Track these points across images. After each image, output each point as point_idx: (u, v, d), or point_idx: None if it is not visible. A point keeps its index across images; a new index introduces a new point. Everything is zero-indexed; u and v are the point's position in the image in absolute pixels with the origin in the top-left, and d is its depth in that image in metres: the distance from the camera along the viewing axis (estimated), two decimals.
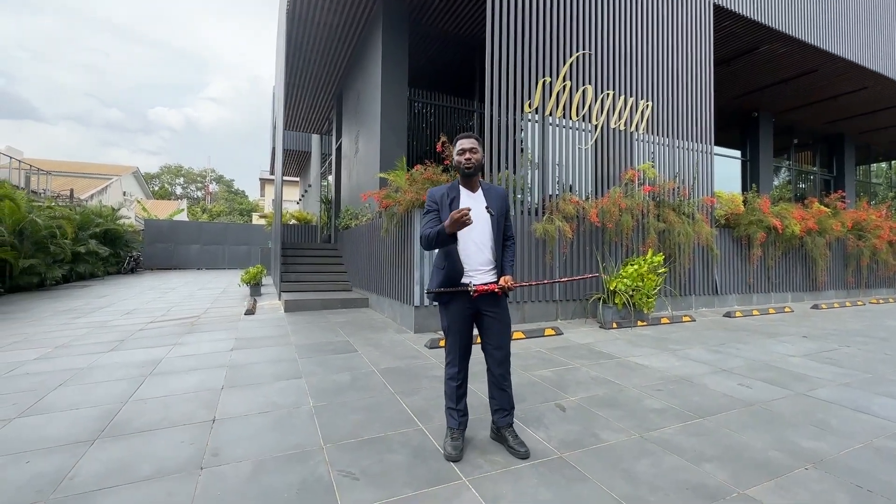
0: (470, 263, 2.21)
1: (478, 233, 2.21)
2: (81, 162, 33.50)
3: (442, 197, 2.23)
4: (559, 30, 5.91)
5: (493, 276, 2.25)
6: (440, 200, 2.23)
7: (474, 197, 2.26)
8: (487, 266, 2.24)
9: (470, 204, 2.21)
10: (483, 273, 2.23)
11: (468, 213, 1.92)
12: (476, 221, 2.18)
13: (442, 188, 2.29)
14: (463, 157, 2.21)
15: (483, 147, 2.42)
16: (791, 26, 8.31)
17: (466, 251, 2.21)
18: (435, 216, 2.22)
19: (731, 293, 7.47)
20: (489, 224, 2.23)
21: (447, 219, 2.02)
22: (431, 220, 2.21)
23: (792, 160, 14.07)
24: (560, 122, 5.92)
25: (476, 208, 2.21)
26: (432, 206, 2.25)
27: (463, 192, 2.25)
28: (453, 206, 2.19)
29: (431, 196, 2.28)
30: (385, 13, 7.44)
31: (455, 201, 2.22)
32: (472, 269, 2.21)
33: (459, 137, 2.27)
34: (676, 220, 6.20)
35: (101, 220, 14.16)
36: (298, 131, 15.62)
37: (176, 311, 6.87)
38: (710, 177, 7.19)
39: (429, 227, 2.19)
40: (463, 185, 2.27)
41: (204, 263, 19.64)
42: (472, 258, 2.21)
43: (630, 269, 5.54)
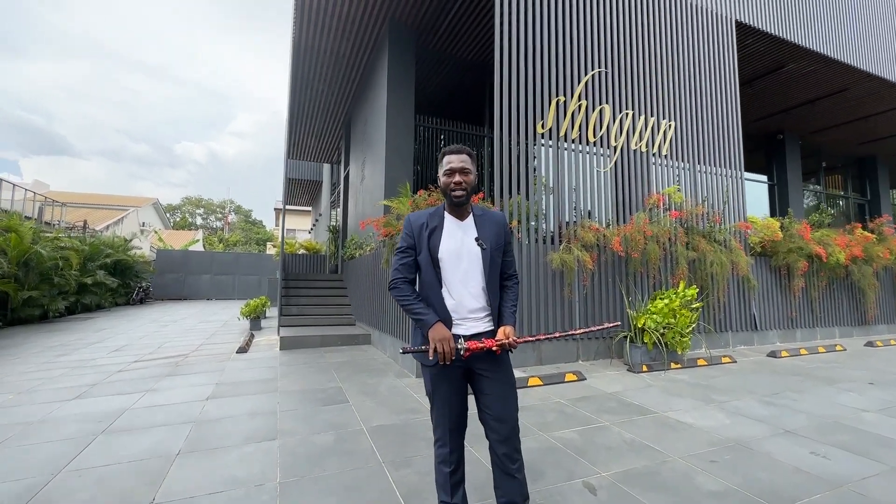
0: (458, 310, 1.72)
1: (466, 271, 1.73)
2: (104, 194, 34.45)
3: (420, 226, 1.77)
4: (573, 47, 5.56)
5: (488, 325, 1.75)
6: (417, 230, 1.76)
7: (462, 226, 1.78)
8: (480, 313, 1.74)
9: (456, 235, 1.76)
10: (475, 321, 1.73)
11: (450, 351, 1.58)
12: (464, 257, 1.73)
13: (422, 214, 1.81)
14: (451, 180, 1.74)
15: (477, 165, 1.94)
16: (819, 43, 7.87)
17: (453, 294, 1.72)
18: (409, 255, 1.77)
19: (772, 329, 6.72)
20: (480, 260, 1.75)
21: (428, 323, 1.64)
22: (405, 260, 1.77)
23: (822, 184, 13.33)
24: (576, 143, 5.48)
25: (465, 240, 1.75)
26: (408, 239, 1.78)
27: (448, 220, 1.78)
28: (434, 240, 1.73)
29: (408, 225, 1.80)
30: (391, 39, 7.26)
31: (436, 233, 1.74)
32: (462, 318, 1.72)
33: (447, 152, 1.80)
34: (709, 249, 5.60)
35: (112, 250, 14.11)
36: (309, 161, 15.58)
37: (167, 347, 6.44)
38: (741, 200, 6.61)
39: (403, 272, 1.76)
40: (449, 212, 1.80)
41: (214, 294, 19.44)
42: (461, 303, 1.72)
43: (660, 303, 4.93)
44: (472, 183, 1.76)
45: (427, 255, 1.72)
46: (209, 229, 58.28)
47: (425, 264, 1.73)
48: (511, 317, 1.81)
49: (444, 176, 1.77)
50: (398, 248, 1.83)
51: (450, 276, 1.72)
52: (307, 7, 6.99)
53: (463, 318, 1.72)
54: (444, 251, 1.71)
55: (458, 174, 1.73)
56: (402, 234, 1.85)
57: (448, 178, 1.75)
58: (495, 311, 1.79)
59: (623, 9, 5.97)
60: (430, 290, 1.74)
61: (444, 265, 1.71)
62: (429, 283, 1.75)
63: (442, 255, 1.71)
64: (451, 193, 1.74)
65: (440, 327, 1.62)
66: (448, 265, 1.71)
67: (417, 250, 1.75)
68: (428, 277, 1.75)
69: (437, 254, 1.71)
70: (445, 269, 1.71)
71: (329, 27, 7.52)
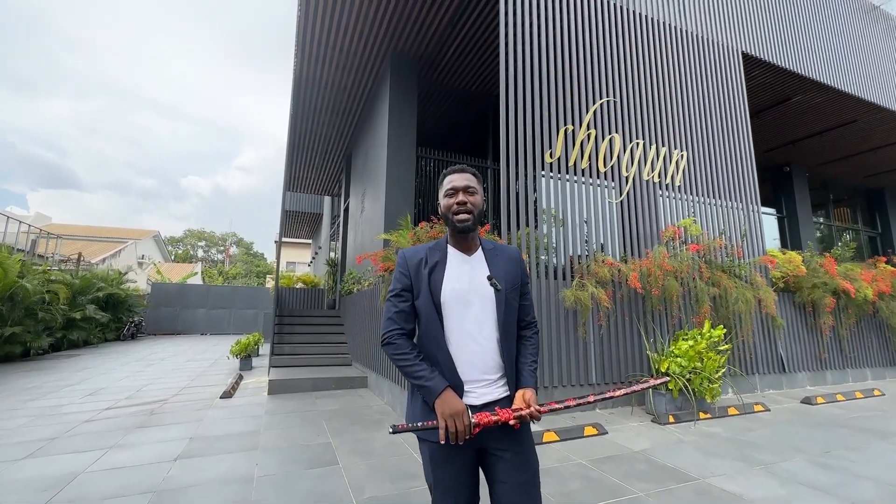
0: (466, 371, 1.34)
1: (477, 319, 1.37)
2: (105, 227, 34.46)
3: (419, 263, 1.43)
4: (580, 76, 5.38)
5: (502, 391, 1.37)
6: (415, 268, 1.43)
7: (471, 262, 1.44)
8: (494, 374, 1.37)
9: (463, 273, 1.42)
10: (487, 386, 1.36)
11: (464, 430, 1.21)
12: (474, 300, 1.38)
13: (420, 249, 1.48)
14: (454, 202, 1.42)
15: (483, 187, 1.58)
16: (826, 75, 7.77)
17: (460, 350, 1.35)
18: (405, 299, 1.42)
19: (801, 370, 6.21)
20: (493, 304, 1.39)
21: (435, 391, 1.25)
22: (400, 307, 1.41)
23: (832, 217, 13.06)
24: (585, 173, 5.20)
25: (474, 280, 1.41)
26: (403, 279, 1.44)
27: (453, 254, 1.45)
28: (435, 279, 1.40)
29: (403, 261, 1.47)
30: (393, 71, 7.17)
31: (438, 270, 1.41)
32: (471, 381, 1.34)
33: (447, 172, 1.50)
34: (731, 284, 5.21)
35: (104, 284, 13.73)
36: (310, 193, 15.45)
37: (147, 391, 5.95)
38: (759, 233, 6.27)
39: (398, 322, 1.40)
40: (453, 244, 1.47)
41: (209, 328, 18.88)
42: (470, 362, 1.35)
43: (683, 345, 4.49)
44: (479, 206, 1.44)
45: (428, 298, 1.37)
46: (210, 262, 58.17)
47: (426, 310, 1.38)
48: (531, 376, 1.43)
49: (446, 197, 1.45)
50: (391, 292, 1.46)
51: (455, 326, 1.36)
52: (309, 39, 6.94)
53: (473, 381, 1.34)
54: (448, 293, 1.37)
55: (462, 193, 1.41)
56: (396, 273, 1.48)
57: (450, 200, 1.43)
58: (511, 370, 1.41)
59: (630, 39, 5.85)
60: (434, 345, 1.36)
61: (447, 311, 1.36)
62: (432, 336, 1.37)
63: (445, 298, 1.36)
64: (455, 218, 1.40)
65: (451, 397, 1.24)
66: (453, 311, 1.36)
67: (415, 293, 1.41)
68: (430, 328, 1.37)
69: (440, 296, 1.36)
70: (450, 316, 1.36)
71: (331, 59, 7.46)
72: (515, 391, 1.39)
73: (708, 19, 6.66)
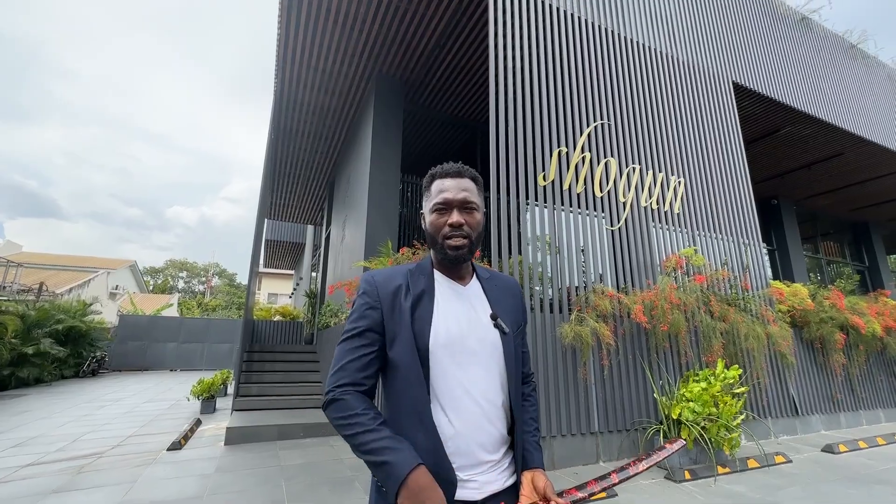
0: (463, 450, 0.95)
1: (478, 375, 0.99)
2: (79, 256, 33.17)
3: (395, 292, 1.03)
4: (573, 99, 5.12)
5: (508, 477, 1.00)
6: (389, 299, 1.02)
7: (466, 295, 1.07)
8: (498, 452, 1.00)
9: (460, 310, 1.04)
10: (490, 470, 0.97)
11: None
12: (475, 348, 1.00)
13: (395, 273, 1.08)
14: (446, 221, 1.04)
15: (484, 196, 1.17)
16: (815, 107, 7.75)
17: (455, 419, 0.96)
18: (370, 344, 0.99)
19: (814, 413, 5.74)
20: (501, 354, 1.03)
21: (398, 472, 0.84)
22: (361, 354, 0.99)
23: (821, 251, 13.01)
24: (581, 198, 4.84)
25: (473, 319, 1.03)
26: (369, 314, 1.02)
27: (442, 283, 1.07)
28: (420, 316, 1.00)
29: (372, 287, 1.05)
30: (377, 93, 6.89)
31: (424, 305, 1.02)
32: (469, 466, 0.95)
33: (439, 174, 1.09)
34: (740, 319, 4.80)
35: (64, 315, 12.77)
36: (292, 222, 14.95)
37: (85, 441, 5.17)
38: (762, 264, 5.95)
39: (350, 375, 0.97)
40: (442, 270, 1.09)
41: (179, 363, 17.72)
42: (469, 437, 0.95)
43: (695, 387, 4.01)
44: (478, 227, 1.05)
45: (410, 344, 0.98)
46: (191, 293, 56.52)
47: (404, 363, 0.98)
48: (538, 451, 1.06)
49: (434, 213, 1.05)
50: (347, 332, 1.02)
51: (447, 385, 0.97)
52: (290, 59, 6.65)
53: (471, 465, 0.95)
54: (440, 337, 0.98)
55: (458, 211, 1.03)
56: (357, 304, 1.04)
57: (440, 218, 1.04)
58: (519, 446, 1.02)
59: (623, 63, 5.68)
60: (411, 415, 0.95)
61: (437, 364, 0.97)
62: (409, 402, 0.96)
63: (436, 345, 0.98)
64: (446, 243, 1.02)
65: (424, 480, 0.83)
66: (446, 364, 0.98)
67: (388, 336, 1.00)
68: (408, 390, 0.96)
69: (428, 342, 0.97)
70: (440, 371, 0.97)
71: (312, 81, 7.17)
72: (520, 473, 1.01)
73: (699, 47, 6.59)
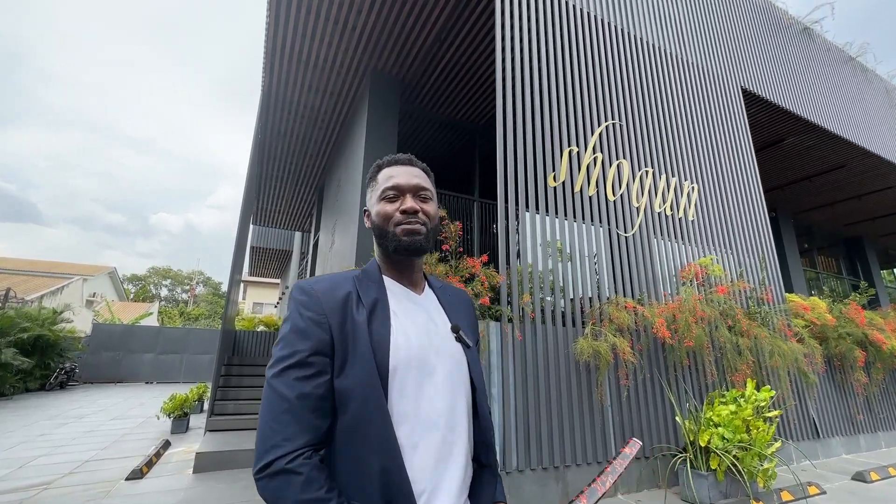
0: (425, 484, 0.75)
1: (441, 395, 0.81)
2: (55, 262, 31.95)
3: (344, 302, 0.82)
4: (583, 97, 4.79)
5: None
6: (338, 311, 0.81)
7: (422, 304, 0.91)
8: (465, 485, 0.83)
9: (418, 319, 0.86)
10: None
11: None
12: (436, 367, 0.82)
13: (340, 280, 0.86)
14: (396, 209, 0.88)
15: (437, 192, 0.98)
16: (821, 117, 7.59)
17: (419, 447, 0.77)
18: (316, 369, 0.76)
19: (834, 436, 5.39)
20: (465, 368, 0.88)
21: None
22: (305, 384, 0.75)
23: (817, 264, 12.90)
24: (593, 201, 4.47)
25: (432, 332, 0.86)
26: (314, 332, 0.78)
27: (395, 290, 0.89)
28: (378, 331, 0.80)
29: (309, 295, 0.82)
30: (372, 91, 6.51)
31: (379, 316, 0.82)
32: None
33: (384, 164, 0.95)
34: (763, 334, 4.44)
35: (30, 324, 11.97)
36: (279, 228, 14.39)
37: (35, 466, 4.56)
38: (777, 275, 5.64)
39: (295, 429, 0.72)
40: (393, 276, 0.91)
41: (156, 376, 16.84)
42: (433, 468, 0.77)
43: (723, 410, 3.61)
44: (434, 219, 0.91)
45: (369, 366, 0.76)
46: (174, 302, 55.15)
47: (360, 391, 0.76)
48: (500, 481, 0.94)
49: (383, 202, 0.89)
50: (282, 361, 0.76)
51: (410, 409, 0.78)
52: (279, 50, 6.24)
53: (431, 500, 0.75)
54: (402, 352, 0.79)
55: (412, 197, 0.88)
56: (294, 320, 0.80)
57: (388, 206, 0.88)
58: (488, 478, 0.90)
59: (634, 63, 5.39)
60: (375, 448, 0.74)
61: (398, 386, 0.78)
62: (372, 437, 0.74)
63: (398, 364, 0.78)
64: (397, 230, 0.86)
65: None
66: (408, 385, 0.79)
67: (338, 359, 0.78)
68: (366, 424, 0.75)
69: (388, 361, 0.77)
70: (401, 393, 0.78)
71: (304, 76, 6.76)
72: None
73: (709, 51, 6.36)
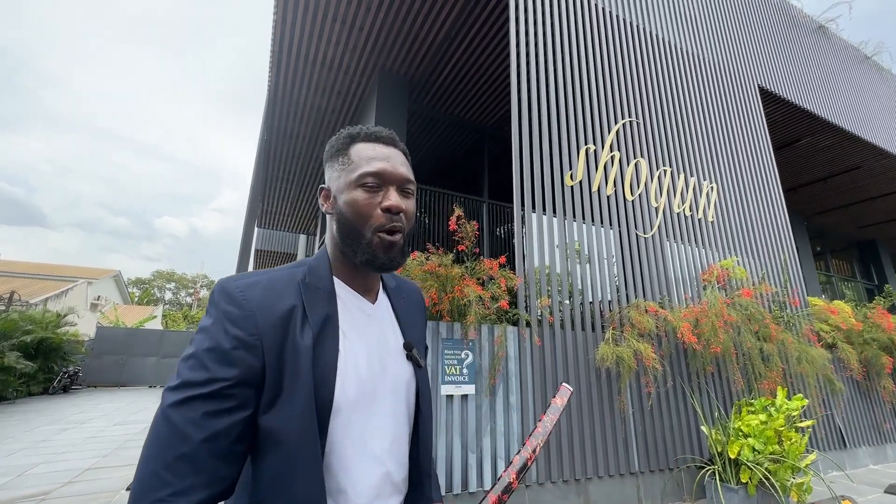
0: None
1: (389, 425, 0.71)
2: (60, 265, 32.05)
3: (286, 319, 0.64)
4: (598, 95, 4.65)
5: None
6: (277, 332, 0.63)
7: (375, 317, 0.77)
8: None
9: (370, 341, 0.72)
10: None
11: None
12: (384, 396, 0.71)
13: (279, 284, 0.68)
14: (380, 204, 0.72)
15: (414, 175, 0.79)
16: (838, 116, 7.41)
17: (354, 482, 0.65)
18: (235, 401, 0.59)
19: (861, 445, 5.18)
20: (413, 392, 0.76)
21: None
22: (218, 420, 0.58)
23: (831, 268, 12.67)
24: (611, 201, 4.32)
25: (385, 354, 0.73)
26: (238, 355, 0.60)
27: (347, 300, 0.73)
28: (322, 356, 0.64)
29: (238, 305, 0.63)
30: (380, 91, 6.39)
31: (326, 337, 0.66)
32: None
33: (365, 136, 0.76)
34: (790, 339, 4.26)
35: (34, 326, 11.88)
36: (283, 230, 14.30)
37: (31, 475, 4.42)
38: (800, 277, 5.45)
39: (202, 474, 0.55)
40: (343, 278, 0.75)
41: (159, 379, 16.75)
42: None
43: (752, 420, 3.43)
44: (412, 220, 0.75)
45: (308, 403, 0.62)
46: (178, 305, 55.29)
47: (293, 433, 0.62)
48: None
49: (359, 189, 0.72)
50: (192, 385, 0.59)
51: (349, 444, 0.66)
52: (286, 48, 6.13)
53: None
54: (350, 387, 0.67)
55: (396, 191, 0.73)
56: (212, 336, 0.62)
57: (367, 198, 0.71)
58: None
59: (649, 61, 5.25)
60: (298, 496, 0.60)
61: (341, 420, 0.65)
62: (296, 492, 0.60)
63: (343, 400, 0.65)
64: (381, 239, 0.71)
65: None
66: (353, 419, 0.67)
67: (268, 392, 0.63)
68: (293, 471, 0.60)
69: (334, 396, 0.65)
70: (343, 428, 0.66)
71: (310, 74, 6.65)
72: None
73: (725, 49, 6.21)
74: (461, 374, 3.02)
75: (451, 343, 3.06)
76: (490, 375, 3.13)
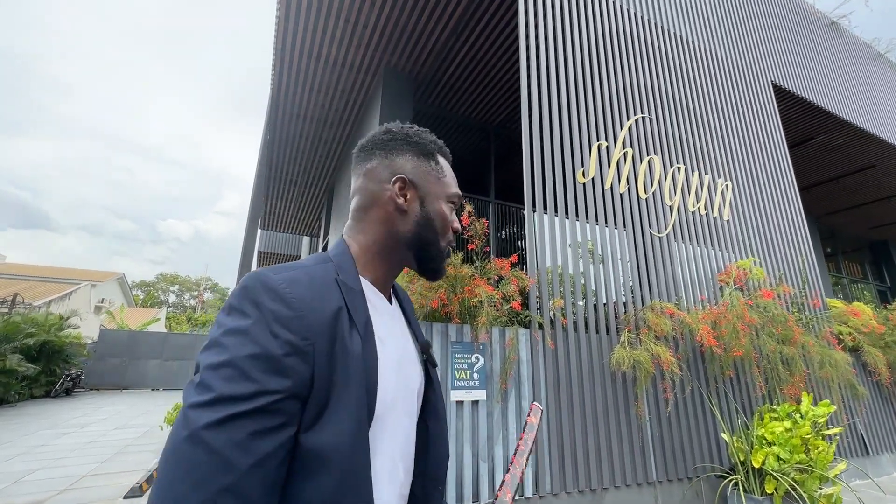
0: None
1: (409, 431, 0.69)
2: (64, 267, 32.14)
3: (335, 320, 0.56)
4: (610, 89, 4.51)
5: None
6: (328, 335, 0.55)
7: (396, 317, 0.74)
8: None
9: (399, 340, 0.70)
10: None
11: None
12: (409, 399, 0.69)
13: (319, 282, 0.59)
14: (455, 223, 0.80)
15: None
16: (852, 113, 7.24)
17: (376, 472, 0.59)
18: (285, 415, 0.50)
19: (883, 452, 5.00)
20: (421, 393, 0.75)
21: None
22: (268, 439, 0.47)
23: (843, 270, 12.44)
24: (624, 199, 4.17)
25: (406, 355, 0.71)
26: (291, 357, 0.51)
27: (374, 301, 0.68)
28: (369, 354, 0.59)
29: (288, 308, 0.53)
30: (385, 89, 6.28)
31: (369, 342, 0.60)
32: None
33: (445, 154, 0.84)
34: (811, 342, 4.09)
35: (36, 329, 11.82)
36: (287, 232, 14.21)
37: (30, 480, 4.30)
38: (817, 278, 5.28)
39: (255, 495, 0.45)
40: (370, 277, 0.71)
41: (162, 382, 16.68)
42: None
43: (776, 427, 3.26)
44: None
45: (362, 414, 0.56)
46: (182, 308, 55.37)
47: (343, 450, 0.53)
48: None
49: (449, 205, 0.79)
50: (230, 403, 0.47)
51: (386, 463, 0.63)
52: (289, 44, 6.03)
53: None
54: (390, 392, 0.64)
55: None
56: (251, 345, 0.51)
57: (451, 214, 0.79)
58: None
59: (662, 55, 5.11)
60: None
61: (378, 434, 0.61)
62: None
63: (386, 407, 0.62)
64: (445, 251, 0.77)
65: None
66: (387, 430, 0.64)
67: (312, 407, 0.53)
68: (345, 494, 0.51)
69: (377, 405, 0.60)
70: (381, 441, 0.62)
71: (314, 72, 6.54)
72: None
73: (738, 45, 6.06)
74: (472, 378, 2.88)
75: (460, 346, 2.92)
76: (501, 380, 2.99)
